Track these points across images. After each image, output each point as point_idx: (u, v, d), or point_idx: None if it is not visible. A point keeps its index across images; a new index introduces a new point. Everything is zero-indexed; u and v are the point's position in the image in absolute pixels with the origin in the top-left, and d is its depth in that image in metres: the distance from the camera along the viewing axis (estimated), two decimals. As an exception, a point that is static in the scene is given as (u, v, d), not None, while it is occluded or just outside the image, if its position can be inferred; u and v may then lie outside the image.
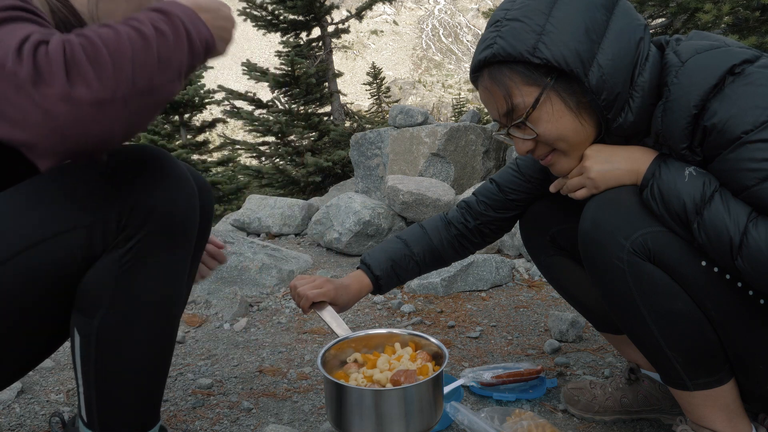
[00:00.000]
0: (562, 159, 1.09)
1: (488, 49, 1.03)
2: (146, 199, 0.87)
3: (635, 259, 1.01)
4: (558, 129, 1.04)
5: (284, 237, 3.90)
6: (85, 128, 0.69)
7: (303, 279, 1.34)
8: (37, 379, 1.69)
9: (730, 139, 0.90)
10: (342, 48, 10.79)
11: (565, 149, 1.07)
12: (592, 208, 1.08)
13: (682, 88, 0.95)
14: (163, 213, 0.89)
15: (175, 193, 0.91)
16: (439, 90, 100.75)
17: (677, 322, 1.02)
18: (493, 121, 1.14)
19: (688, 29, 5.13)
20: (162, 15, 0.78)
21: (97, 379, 0.94)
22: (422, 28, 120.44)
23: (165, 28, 0.76)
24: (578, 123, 1.04)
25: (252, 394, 1.60)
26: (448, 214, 1.47)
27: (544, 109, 1.02)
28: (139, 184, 0.88)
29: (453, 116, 22.59)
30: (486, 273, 2.57)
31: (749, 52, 0.94)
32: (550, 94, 1.01)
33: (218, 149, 10.63)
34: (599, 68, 0.98)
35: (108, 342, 0.92)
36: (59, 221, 0.84)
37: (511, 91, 1.02)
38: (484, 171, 5.15)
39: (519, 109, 1.03)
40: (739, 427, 1.07)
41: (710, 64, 0.94)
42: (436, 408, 1.04)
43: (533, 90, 1.01)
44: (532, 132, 1.05)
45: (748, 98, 0.89)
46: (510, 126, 1.08)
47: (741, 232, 0.89)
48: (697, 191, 0.94)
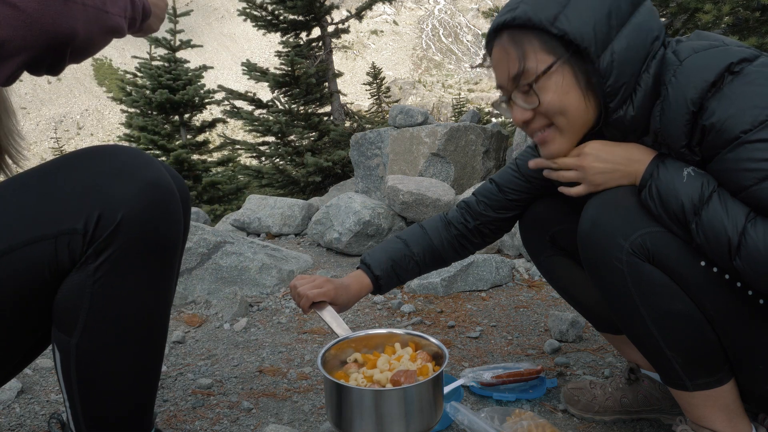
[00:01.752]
0: (556, 137, 1.08)
1: (510, 12, 1.03)
2: (116, 208, 0.79)
3: (634, 260, 1.01)
4: (562, 102, 1.03)
5: (284, 237, 3.90)
6: (52, 21, 0.73)
7: (303, 279, 1.34)
8: (37, 379, 1.70)
9: (728, 139, 0.90)
10: (342, 48, 10.79)
11: (563, 126, 1.06)
12: (592, 208, 1.08)
13: (679, 86, 0.95)
14: (137, 223, 0.81)
15: (150, 201, 0.83)
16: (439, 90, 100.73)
17: (676, 322, 1.02)
18: (497, 88, 1.13)
19: (689, 29, 5.13)
20: None
21: (80, 394, 0.91)
22: (422, 28, 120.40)
23: None
24: (583, 102, 1.03)
25: (252, 394, 1.60)
26: (448, 214, 1.47)
27: (553, 79, 1.02)
28: (107, 191, 0.80)
29: (453, 116, 22.58)
30: (486, 273, 2.57)
31: (748, 51, 0.94)
32: (563, 66, 1.01)
33: (218, 149, 10.62)
34: (612, 54, 0.98)
35: (87, 359, 0.88)
36: (22, 232, 0.78)
37: (526, 54, 1.02)
38: (484, 171, 5.15)
39: (530, 72, 1.02)
40: (739, 427, 1.07)
41: (708, 63, 0.94)
42: (436, 408, 1.04)
43: (548, 58, 1.01)
44: (536, 100, 1.04)
45: (746, 98, 0.89)
46: (514, 91, 1.06)
47: (739, 233, 0.89)
48: (695, 192, 0.94)
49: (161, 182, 0.84)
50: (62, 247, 0.79)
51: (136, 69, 9.96)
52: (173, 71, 9.70)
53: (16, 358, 0.96)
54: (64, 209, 0.79)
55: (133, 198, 0.80)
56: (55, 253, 0.79)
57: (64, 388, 0.92)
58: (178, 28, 9.88)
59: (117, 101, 10.15)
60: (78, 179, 0.80)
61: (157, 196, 0.83)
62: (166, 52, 9.91)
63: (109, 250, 0.80)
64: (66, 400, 0.93)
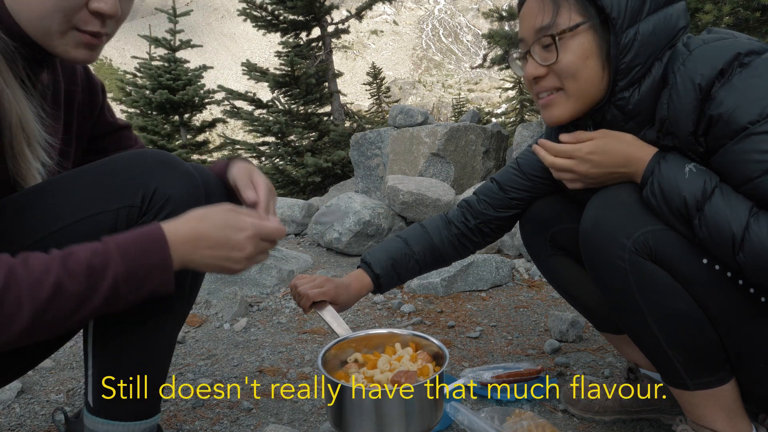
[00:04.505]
0: (562, 102, 1.07)
1: None
2: (166, 188, 0.94)
3: (637, 258, 1.01)
4: (578, 65, 1.02)
5: (284, 237, 3.90)
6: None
7: (303, 278, 1.34)
8: (37, 379, 1.69)
9: (735, 130, 0.90)
10: (342, 48, 10.79)
11: (572, 91, 1.05)
12: (593, 207, 1.08)
13: (688, 73, 0.95)
14: (180, 202, 0.94)
15: (186, 184, 0.97)
16: (439, 90, 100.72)
17: (678, 321, 1.02)
18: (519, 41, 1.12)
19: (689, 29, 5.12)
20: (103, 267, 0.79)
21: (107, 360, 0.98)
22: (422, 28, 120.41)
23: (92, 285, 0.77)
24: (598, 72, 1.03)
25: (252, 394, 1.60)
26: (448, 214, 1.47)
27: (577, 40, 1.01)
28: (159, 176, 0.94)
29: (453, 116, 22.58)
30: (486, 273, 2.57)
31: (758, 44, 0.94)
32: (589, 31, 1.01)
33: (218, 149, 10.62)
34: (636, 33, 0.98)
35: (122, 324, 0.96)
36: (90, 207, 0.90)
37: (560, 8, 1.02)
38: (484, 171, 5.15)
39: (559, 26, 1.02)
40: (740, 427, 1.07)
41: (716, 53, 0.94)
42: (436, 408, 1.04)
43: (580, 18, 1.01)
44: (554, 57, 1.03)
45: (755, 90, 0.89)
46: (535, 42, 1.05)
47: (743, 227, 0.89)
48: (697, 187, 0.94)
49: (193, 174, 1.00)
50: (122, 218, 0.92)
51: (135, 69, 9.96)
52: (173, 71, 9.69)
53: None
54: (124, 189, 0.92)
55: (177, 182, 0.95)
56: (115, 223, 0.91)
57: (91, 355, 0.99)
58: (178, 28, 9.88)
59: (117, 101, 10.15)
60: (134, 167, 0.94)
61: (193, 183, 0.98)
62: (166, 52, 9.91)
63: (159, 217, 0.93)
64: (90, 367, 1.00)
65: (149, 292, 0.83)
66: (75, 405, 1.53)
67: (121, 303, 0.81)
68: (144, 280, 0.82)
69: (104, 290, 0.78)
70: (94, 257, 0.78)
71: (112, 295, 0.79)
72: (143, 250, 0.81)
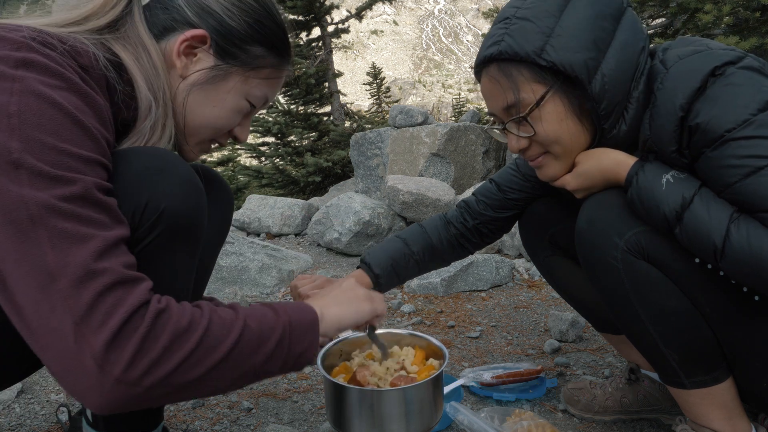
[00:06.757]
0: (552, 163, 1.10)
1: (495, 45, 1.03)
2: (160, 199, 0.86)
3: (629, 258, 1.02)
4: (556, 131, 1.04)
5: (284, 237, 3.90)
6: (127, 404, 0.67)
7: (303, 279, 1.34)
8: (37, 379, 1.70)
9: (713, 138, 0.91)
10: (342, 48, 10.79)
11: (559, 153, 1.07)
12: (588, 207, 1.08)
13: (667, 92, 0.95)
14: (176, 214, 0.87)
15: (183, 194, 0.89)
16: (439, 90, 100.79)
17: (672, 319, 1.02)
18: (490, 115, 1.13)
19: (689, 29, 5.13)
20: (274, 329, 0.79)
21: None
22: (422, 28, 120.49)
23: (264, 345, 0.77)
24: (578, 128, 1.04)
25: (252, 394, 1.60)
26: (447, 214, 1.47)
27: (546, 109, 1.02)
28: (154, 185, 0.86)
29: (453, 116, 22.59)
30: (486, 273, 2.57)
31: (732, 53, 0.94)
32: (555, 95, 1.01)
33: (218, 149, 10.60)
34: (602, 77, 0.98)
35: None
36: None
37: (519, 85, 1.02)
38: (484, 171, 5.15)
39: (524, 103, 1.03)
40: (738, 426, 1.07)
41: (693, 68, 0.94)
42: (436, 408, 1.04)
43: (540, 88, 1.01)
44: (530, 130, 1.05)
45: (729, 98, 0.90)
46: (509, 121, 1.07)
47: (723, 235, 0.89)
48: (675, 199, 0.94)
49: (194, 180, 0.91)
50: None
51: (136, 69, 9.94)
52: (173, 71, 9.68)
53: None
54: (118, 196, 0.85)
55: (172, 192, 0.87)
56: None
57: None
58: (178, 28, 9.86)
59: (117, 101, 10.13)
60: (122, 174, 0.84)
61: (192, 190, 0.90)
62: (166, 52, 9.89)
63: (151, 236, 0.86)
64: None
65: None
66: (75, 405, 1.53)
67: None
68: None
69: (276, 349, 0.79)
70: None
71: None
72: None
